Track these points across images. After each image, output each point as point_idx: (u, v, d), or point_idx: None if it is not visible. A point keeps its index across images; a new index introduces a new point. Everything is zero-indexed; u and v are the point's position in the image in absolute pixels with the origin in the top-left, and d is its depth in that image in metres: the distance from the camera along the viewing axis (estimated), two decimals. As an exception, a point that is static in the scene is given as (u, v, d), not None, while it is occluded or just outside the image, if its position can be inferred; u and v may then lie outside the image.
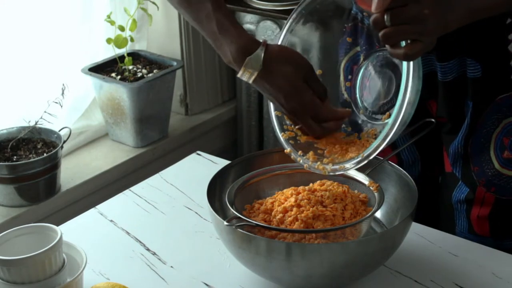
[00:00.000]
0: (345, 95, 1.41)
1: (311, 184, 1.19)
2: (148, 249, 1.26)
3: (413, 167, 1.39)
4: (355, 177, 1.21)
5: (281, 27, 2.38)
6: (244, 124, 2.64)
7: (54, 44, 2.23)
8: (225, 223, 1.07)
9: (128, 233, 1.30)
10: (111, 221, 1.33)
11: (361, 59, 1.33)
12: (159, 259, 1.24)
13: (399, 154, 1.38)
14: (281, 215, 1.13)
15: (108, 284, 1.11)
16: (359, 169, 1.21)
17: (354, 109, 1.36)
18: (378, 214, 1.24)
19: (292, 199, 1.15)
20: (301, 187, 1.18)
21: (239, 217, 1.09)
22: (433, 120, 1.24)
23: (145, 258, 1.24)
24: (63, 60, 2.27)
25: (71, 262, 1.12)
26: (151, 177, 1.44)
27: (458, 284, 1.15)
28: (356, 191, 1.20)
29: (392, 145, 1.32)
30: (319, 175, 1.23)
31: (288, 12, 2.29)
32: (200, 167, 1.46)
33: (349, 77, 1.36)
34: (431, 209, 1.40)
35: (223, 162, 1.31)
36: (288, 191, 1.18)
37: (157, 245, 1.27)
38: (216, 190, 1.20)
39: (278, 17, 2.32)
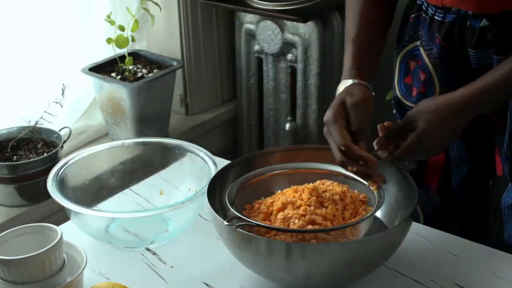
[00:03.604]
0: (398, 92, 1.40)
1: (311, 184, 1.19)
2: (148, 249, 1.26)
3: (461, 168, 1.37)
4: (355, 177, 1.21)
5: (281, 27, 2.39)
6: (244, 124, 2.64)
7: (54, 44, 2.23)
8: (225, 223, 1.07)
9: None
10: (111, 221, 1.33)
11: (421, 52, 1.33)
12: (159, 259, 1.24)
13: (447, 152, 1.36)
14: (281, 214, 1.13)
15: (108, 284, 1.11)
16: None
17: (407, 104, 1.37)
18: (378, 214, 1.24)
19: (292, 199, 1.15)
20: (301, 187, 1.18)
21: (239, 217, 1.09)
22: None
23: (145, 258, 1.24)
24: (63, 60, 2.27)
25: (71, 262, 1.12)
26: (151, 177, 1.44)
27: (458, 284, 1.15)
28: (356, 191, 1.19)
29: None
30: (319, 175, 1.23)
31: (288, 12, 2.29)
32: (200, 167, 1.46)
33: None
34: (480, 212, 1.38)
35: (223, 162, 1.30)
36: (288, 191, 1.18)
37: (157, 245, 1.27)
38: (216, 190, 1.20)
39: (278, 17, 2.32)
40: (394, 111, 1.44)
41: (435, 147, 1.21)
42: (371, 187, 1.18)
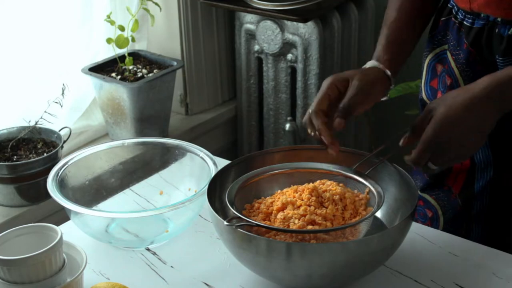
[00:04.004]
0: (424, 94, 1.40)
1: (311, 184, 1.19)
2: (148, 249, 1.26)
3: (486, 172, 1.33)
4: (355, 177, 1.21)
5: (281, 27, 2.39)
6: (244, 124, 2.64)
7: (54, 44, 2.23)
8: (225, 223, 1.07)
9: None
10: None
11: (448, 57, 1.32)
12: (159, 259, 1.24)
13: (472, 156, 1.32)
14: (281, 214, 1.13)
15: (108, 284, 1.11)
16: (359, 169, 1.21)
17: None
18: (378, 214, 1.24)
19: (292, 199, 1.15)
20: (301, 187, 1.18)
21: (239, 217, 1.09)
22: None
23: (145, 258, 1.24)
24: (63, 60, 2.27)
25: (71, 262, 1.12)
26: (151, 177, 1.44)
27: (458, 284, 1.15)
28: (356, 191, 1.19)
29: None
30: (319, 175, 1.23)
31: (288, 12, 2.29)
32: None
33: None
34: (502, 219, 1.35)
35: (223, 162, 1.30)
36: (288, 191, 1.18)
37: (157, 245, 1.27)
38: (216, 190, 1.20)
39: (278, 17, 2.32)
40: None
41: (457, 142, 1.13)
42: (371, 187, 1.17)
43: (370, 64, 1.26)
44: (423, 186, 1.41)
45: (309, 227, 1.11)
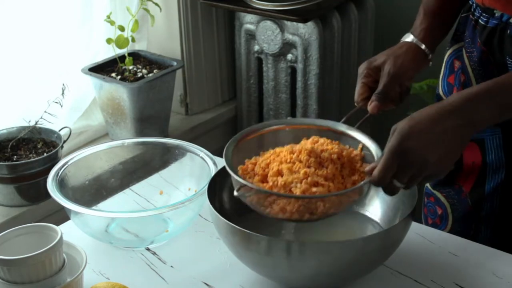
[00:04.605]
0: (440, 90, 1.39)
1: (308, 145, 1.14)
2: (148, 249, 1.26)
3: (497, 173, 1.31)
4: (347, 132, 1.19)
5: (281, 27, 2.39)
6: (244, 124, 2.64)
7: (54, 44, 2.23)
8: (235, 193, 1.06)
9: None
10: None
11: (463, 54, 1.32)
12: (159, 259, 1.24)
13: (484, 156, 1.31)
14: (282, 180, 1.09)
15: (108, 284, 1.11)
16: (349, 123, 1.20)
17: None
18: (378, 214, 1.24)
19: (290, 163, 1.11)
20: (296, 147, 1.14)
21: (245, 186, 1.07)
22: None
23: (145, 258, 1.24)
24: (63, 60, 2.27)
25: (71, 262, 1.12)
26: (151, 177, 1.44)
27: (458, 284, 1.15)
28: (347, 146, 1.16)
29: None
30: (310, 131, 1.20)
31: (288, 12, 2.29)
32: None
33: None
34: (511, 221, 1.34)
35: (223, 162, 1.30)
36: (282, 151, 1.14)
37: (157, 245, 1.27)
38: (216, 190, 1.20)
39: (278, 17, 2.32)
40: None
41: (423, 155, 1.04)
42: (365, 143, 1.15)
43: (405, 36, 1.29)
44: (435, 183, 1.40)
45: (314, 189, 1.07)
